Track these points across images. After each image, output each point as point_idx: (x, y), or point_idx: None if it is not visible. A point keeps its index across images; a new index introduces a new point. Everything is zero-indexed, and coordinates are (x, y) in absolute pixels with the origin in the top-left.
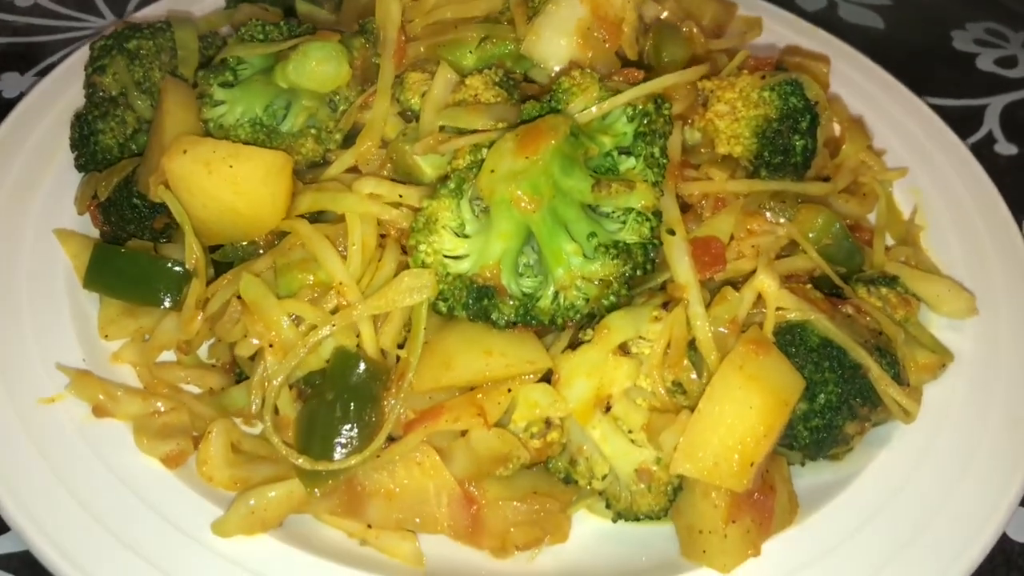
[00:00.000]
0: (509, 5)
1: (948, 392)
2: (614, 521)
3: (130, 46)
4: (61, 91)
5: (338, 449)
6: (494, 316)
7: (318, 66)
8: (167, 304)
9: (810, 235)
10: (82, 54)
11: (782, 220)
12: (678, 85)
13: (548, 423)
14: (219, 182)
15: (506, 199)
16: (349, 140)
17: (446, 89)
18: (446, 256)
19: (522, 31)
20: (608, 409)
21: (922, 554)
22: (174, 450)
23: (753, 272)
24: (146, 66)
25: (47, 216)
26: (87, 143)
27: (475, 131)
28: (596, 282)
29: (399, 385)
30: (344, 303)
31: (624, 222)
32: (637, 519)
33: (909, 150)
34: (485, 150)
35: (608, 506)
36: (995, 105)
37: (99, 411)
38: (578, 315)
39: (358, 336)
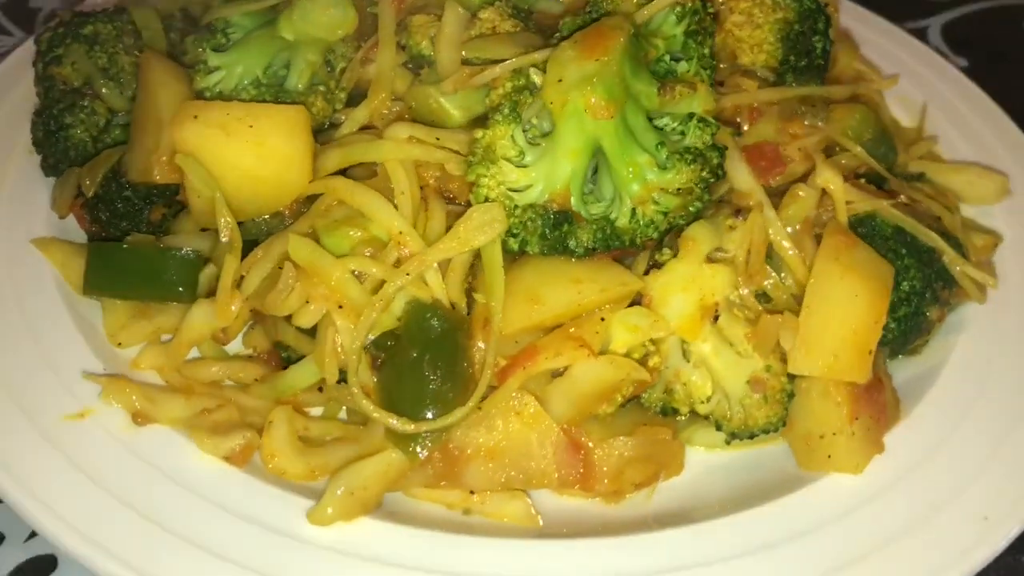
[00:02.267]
0: None
1: (1001, 272)
2: (727, 443)
3: (86, 32)
4: None
5: (436, 407)
6: (571, 244)
7: (324, 11)
8: (184, 297)
9: (849, 133)
10: (13, 60)
11: (819, 123)
12: None
13: (647, 349)
14: (240, 145)
15: (579, 108)
16: (352, 101)
17: (459, 26)
18: (510, 189)
19: None
20: (716, 319)
21: None
22: (239, 445)
23: (807, 174)
24: (109, 51)
25: (17, 228)
26: (56, 140)
27: (506, 60)
28: (676, 191)
29: (487, 331)
30: (407, 253)
31: (683, 132)
32: (752, 436)
33: (891, 65)
34: (534, 72)
35: (719, 428)
36: (935, 25)
37: (140, 418)
38: (657, 232)
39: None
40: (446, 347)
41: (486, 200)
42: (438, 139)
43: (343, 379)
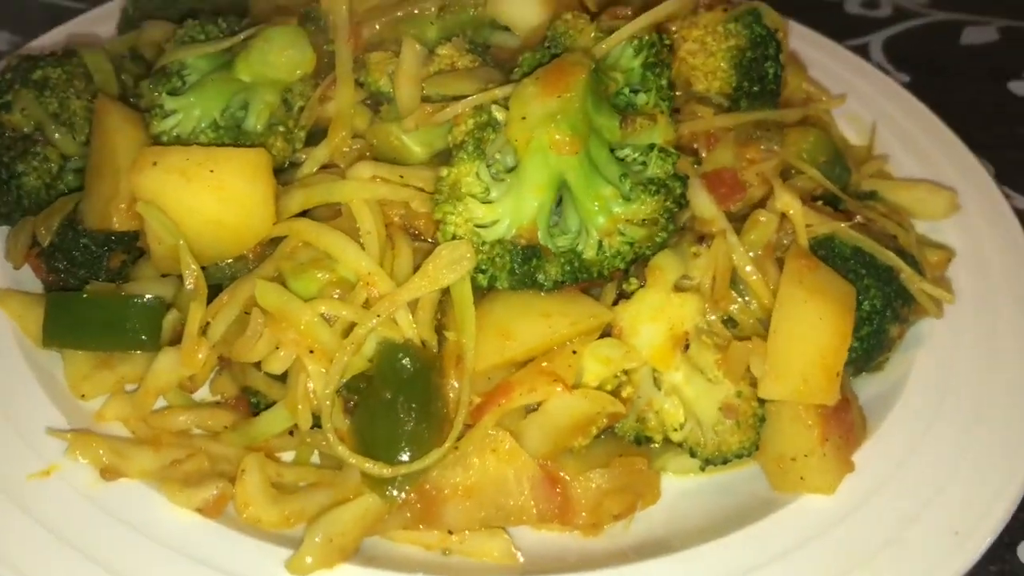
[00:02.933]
0: None
1: (955, 287)
2: (702, 469)
3: (35, 77)
4: None
5: (412, 449)
6: (540, 278)
7: (282, 52)
8: (148, 345)
9: (803, 156)
10: None
11: (774, 147)
12: (679, 12)
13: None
14: (201, 190)
15: (544, 145)
16: (311, 139)
17: (417, 62)
18: (476, 226)
19: None
20: (687, 347)
21: (998, 430)
22: (212, 496)
23: (765, 199)
24: (60, 96)
25: None
26: (7, 189)
27: (467, 96)
28: (641, 222)
29: (459, 369)
30: (376, 294)
31: (645, 163)
32: (725, 461)
33: (836, 84)
34: (496, 108)
35: (693, 455)
36: (875, 42)
37: (108, 472)
38: (623, 262)
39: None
40: (419, 387)
41: (454, 237)
42: (402, 176)
43: (316, 424)
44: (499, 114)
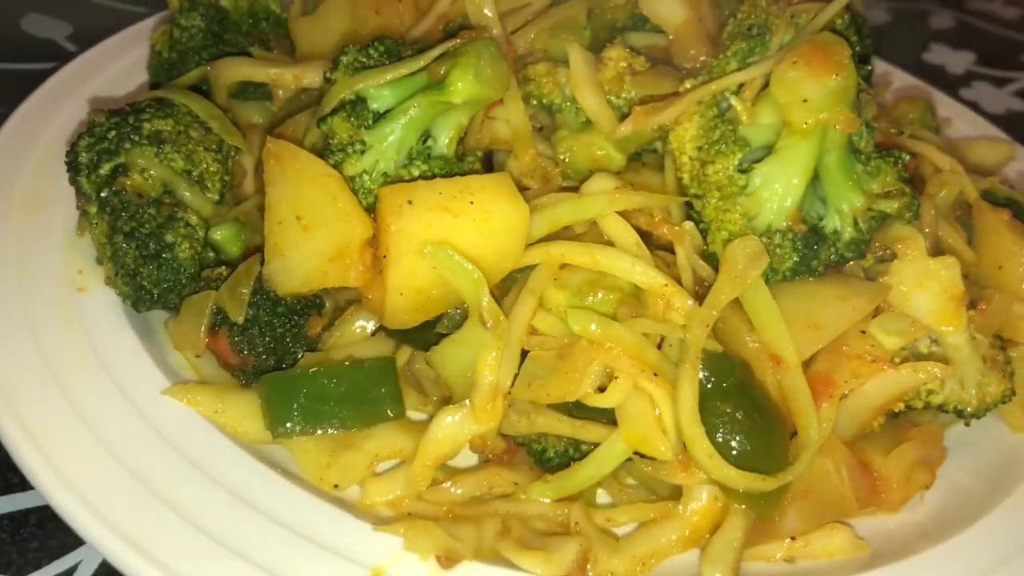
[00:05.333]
0: None
1: None
2: (967, 425)
3: (146, 131)
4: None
5: (770, 458)
6: (814, 264)
7: (490, 67)
8: (397, 412)
9: (917, 123)
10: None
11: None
12: None
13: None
14: (467, 224)
15: (828, 124)
16: None
17: (590, 68)
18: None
19: None
20: (971, 305)
21: None
22: (578, 555)
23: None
24: (183, 150)
25: (134, 385)
26: (160, 265)
27: (672, 94)
28: (887, 195)
29: (782, 369)
30: (677, 307)
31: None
32: (986, 412)
33: None
34: (735, 99)
35: (960, 414)
36: None
37: (447, 560)
38: (869, 238)
39: None
40: (756, 396)
41: (730, 236)
42: (632, 185)
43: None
44: (737, 104)
